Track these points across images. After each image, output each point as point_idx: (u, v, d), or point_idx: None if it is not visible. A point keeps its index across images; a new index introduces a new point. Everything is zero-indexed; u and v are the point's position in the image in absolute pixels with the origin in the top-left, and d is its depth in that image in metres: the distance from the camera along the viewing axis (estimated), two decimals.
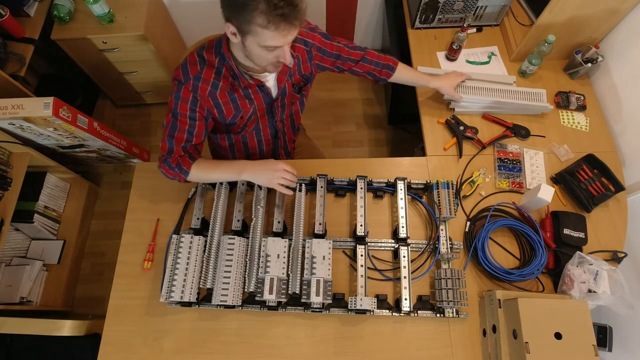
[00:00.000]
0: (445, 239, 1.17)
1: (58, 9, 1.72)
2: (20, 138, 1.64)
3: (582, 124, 1.40)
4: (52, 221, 1.91)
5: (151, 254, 1.18)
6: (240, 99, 1.08)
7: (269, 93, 1.11)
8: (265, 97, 1.12)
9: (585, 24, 1.36)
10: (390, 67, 1.27)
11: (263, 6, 0.78)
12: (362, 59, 1.24)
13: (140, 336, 1.10)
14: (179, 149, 1.07)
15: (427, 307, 1.11)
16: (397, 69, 1.28)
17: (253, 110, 1.13)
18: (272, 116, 1.21)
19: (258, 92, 1.09)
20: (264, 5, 0.78)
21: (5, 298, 1.70)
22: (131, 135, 2.30)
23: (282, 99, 1.16)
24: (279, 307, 1.08)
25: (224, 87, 1.04)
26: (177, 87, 1.02)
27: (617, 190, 1.24)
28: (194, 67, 1.01)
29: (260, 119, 1.19)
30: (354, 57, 1.22)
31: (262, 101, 1.12)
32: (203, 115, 1.07)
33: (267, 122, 1.22)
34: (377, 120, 2.35)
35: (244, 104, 1.10)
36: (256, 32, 0.84)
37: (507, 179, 1.30)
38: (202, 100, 1.04)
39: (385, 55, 1.28)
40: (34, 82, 2.02)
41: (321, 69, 1.22)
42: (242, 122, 1.15)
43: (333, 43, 1.18)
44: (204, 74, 1.01)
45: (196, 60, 1.02)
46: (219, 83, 1.03)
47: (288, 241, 1.09)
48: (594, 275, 1.09)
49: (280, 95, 1.14)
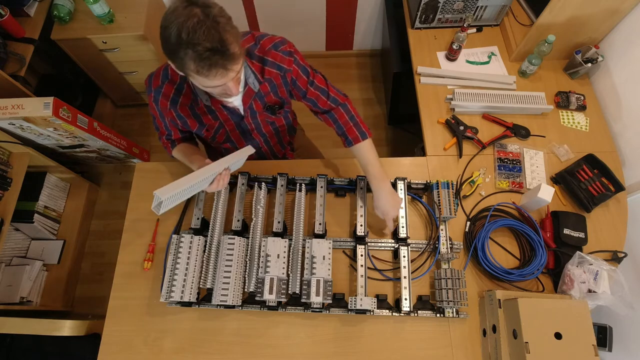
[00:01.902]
0: (445, 239, 1.17)
1: (58, 9, 1.72)
2: (20, 138, 1.64)
3: (582, 124, 1.40)
4: (52, 221, 1.91)
5: (151, 254, 1.18)
6: (204, 114, 1.07)
7: (236, 111, 1.08)
8: (232, 114, 1.09)
9: (585, 24, 1.36)
10: (348, 141, 1.11)
11: (191, 55, 0.76)
12: (328, 113, 1.12)
13: (140, 336, 1.10)
14: (163, 138, 1.17)
15: (427, 307, 1.11)
16: (355, 146, 1.10)
17: (220, 125, 1.12)
18: (244, 131, 1.18)
19: (223, 110, 1.07)
20: (192, 54, 0.76)
21: (5, 298, 1.70)
22: (131, 135, 2.30)
23: (253, 118, 1.12)
24: (279, 307, 1.08)
25: (185, 102, 1.04)
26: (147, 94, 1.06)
27: (617, 190, 1.24)
28: (157, 80, 1.02)
29: (230, 133, 1.17)
30: (322, 107, 1.11)
31: (229, 118, 1.10)
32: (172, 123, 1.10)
33: (241, 136, 1.20)
34: (377, 120, 2.35)
35: (208, 119, 1.09)
36: (192, 75, 0.82)
37: (507, 179, 1.30)
38: (164, 112, 1.06)
39: (362, 123, 1.10)
40: (34, 82, 2.02)
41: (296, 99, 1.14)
42: (209, 135, 1.14)
43: (309, 88, 1.07)
44: (164, 88, 1.01)
45: (160, 74, 1.01)
46: (178, 99, 1.03)
47: (288, 241, 1.09)
48: (594, 275, 1.08)
49: (249, 115, 1.10)
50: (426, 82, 1.49)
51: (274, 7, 2.13)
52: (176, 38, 0.75)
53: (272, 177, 1.23)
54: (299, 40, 2.41)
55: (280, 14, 2.18)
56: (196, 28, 0.74)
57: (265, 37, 1.00)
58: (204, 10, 0.76)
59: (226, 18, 0.79)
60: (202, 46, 0.74)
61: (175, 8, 0.76)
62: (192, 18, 0.74)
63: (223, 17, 0.78)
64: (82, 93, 2.17)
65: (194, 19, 0.74)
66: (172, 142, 1.17)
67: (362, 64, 2.54)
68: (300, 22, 2.25)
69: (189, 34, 0.74)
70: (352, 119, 1.11)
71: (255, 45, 0.99)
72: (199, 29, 0.74)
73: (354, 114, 1.12)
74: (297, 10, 2.16)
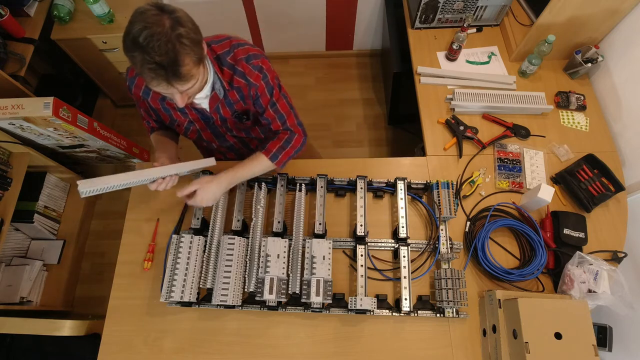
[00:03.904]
0: (445, 239, 1.17)
1: (58, 9, 1.72)
2: (20, 138, 1.64)
3: (582, 124, 1.40)
4: (52, 221, 1.91)
5: (151, 254, 1.18)
6: (173, 110, 1.08)
7: (203, 111, 1.07)
8: (201, 115, 1.08)
9: (585, 24, 1.36)
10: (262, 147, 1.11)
11: (139, 59, 0.76)
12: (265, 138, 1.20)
13: (140, 336, 1.10)
14: (144, 122, 1.18)
15: (427, 307, 1.11)
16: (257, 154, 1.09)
17: (189, 123, 1.11)
18: (216, 132, 1.17)
19: (191, 109, 1.06)
20: (140, 58, 0.76)
21: (5, 298, 1.70)
22: (131, 135, 2.29)
23: (223, 122, 1.12)
24: (279, 307, 1.08)
25: (156, 96, 1.04)
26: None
27: (617, 190, 1.24)
28: (132, 71, 1.03)
29: (202, 132, 1.16)
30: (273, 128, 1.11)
31: (199, 118, 1.10)
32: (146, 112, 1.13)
33: (214, 137, 1.19)
34: (377, 120, 2.35)
35: (177, 115, 1.09)
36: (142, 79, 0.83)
37: (507, 179, 1.30)
38: (138, 101, 1.09)
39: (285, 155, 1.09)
40: (34, 82, 2.03)
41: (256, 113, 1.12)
42: (181, 130, 1.15)
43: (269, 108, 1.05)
44: (137, 79, 1.03)
45: None
46: (150, 91, 1.04)
47: (288, 241, 1.09)
48: (594, 275, 1.08)
49: (219, 119, 1.10)
50: (426, 82, 1.49)
51: (274, 7, 2.13)
52: (133, 38, 0.75)
53: (272, 177, 1.23)
54: (299, 40, 2.44)
55: (280, 14, 2.18)
56: (155, 38, 0.74)
57: (241, 47, 0.99)
58: (174, 24, 0.76)
59: (191, 40, 0.78)
60: (151, 57, 0.74)
61: (147, 10, 0.76)
62: (157, 27, 0.74)
63: (188, 38, 0.78)
64: (82, 93, 2.17)
65: (159, 28, 0.74)
66: (151, 128, 1.19)
67: (362, 64, 2.54)
68: (300, 22, 2.25)
69: (146, 40, 0.74)
70: (285, 144, 1.09)
71: (229, 52, 0.98)
72: (157, 40, 0.74)
73: (290, 145, 1.10)
74: (297, 10, 2.16)
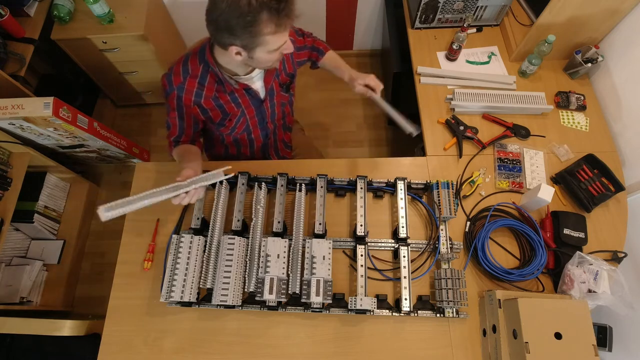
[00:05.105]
0: (445, 239, 1.17)
1: (58, 9, 1.72)
2: (20, 138, 1.64)
3: (582, 124, 1.40)
4: (52, 221, 1.91)
5: (151, 254, 1.18)
6: (227, 103, 1.10)
7: (256, 95, 1.13)
8: (253, 99, 1.13)
9: (585, 24, 1.36)
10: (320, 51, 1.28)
11: (265, 15, 0.81)
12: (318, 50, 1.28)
13: (140, 336, 1.10)
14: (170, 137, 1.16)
15: (427, 307, 1.11)
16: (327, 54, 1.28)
17: (241, 113, 1.15)
18: (262, 118, 1.22)
19: (245, 95, 1.11)
20: (265, 14, 0.81)
21: (5, 298, 1.70)
22: (131, 135, 2.30)
23: (270, 100, 1.18)
24: (279, 307, 1.08)
25: (208, 95, 1.07)
26: (165, 95, 1.07)
27: (617, 190, 1.24)
28: (177, 77, 1.03)
29: (250, 121, 1.21)
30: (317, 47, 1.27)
31: (250, 103, 1.14)
32: (190, 123, 1.13)
33: (258, 124, 1.24)
34: (377, 120, 2.35)
35: (231, 108, 1.12)
36: (265, 41, 0.87)
37: (507, 179, 1.30)
38: (187, 109, 1.09)
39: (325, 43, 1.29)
40: (34, 82, 2.02)
41: (299, 65, 1.25)
42: (230, 125, 1.17)
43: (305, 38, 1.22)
44: (187, 84, 1.04)
45: (180, 71, 1.04)
46: (202, 92, 1.06)
47: (288, 241, 1.09)
48: (594, 275, 1.08)
49: (268, 96, 1.15)
50: (426, 82, 1.49)
51: None
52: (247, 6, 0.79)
53: (272, 177, 1.23)
54: None
55: None
56: None
57: None
58: None
59: None
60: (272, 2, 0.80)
61: None
62: None
63: None
64: (82, 93, 2.17)
65: None
66: (175, 142, 1.18)
67: (362, 64, 2.53)
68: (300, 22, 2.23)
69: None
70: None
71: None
72: None
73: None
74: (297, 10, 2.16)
